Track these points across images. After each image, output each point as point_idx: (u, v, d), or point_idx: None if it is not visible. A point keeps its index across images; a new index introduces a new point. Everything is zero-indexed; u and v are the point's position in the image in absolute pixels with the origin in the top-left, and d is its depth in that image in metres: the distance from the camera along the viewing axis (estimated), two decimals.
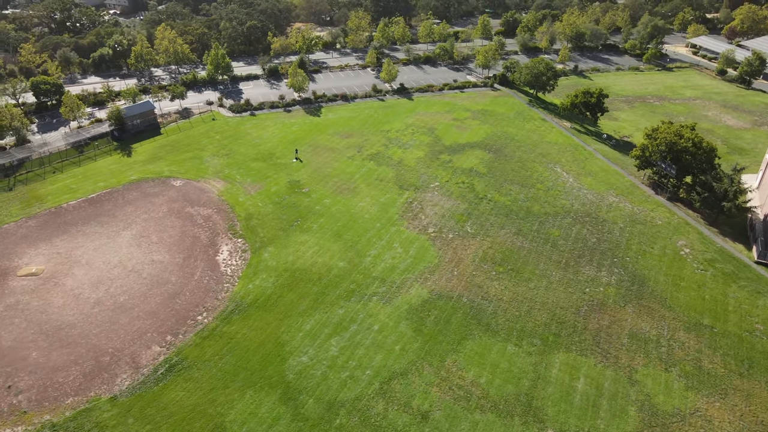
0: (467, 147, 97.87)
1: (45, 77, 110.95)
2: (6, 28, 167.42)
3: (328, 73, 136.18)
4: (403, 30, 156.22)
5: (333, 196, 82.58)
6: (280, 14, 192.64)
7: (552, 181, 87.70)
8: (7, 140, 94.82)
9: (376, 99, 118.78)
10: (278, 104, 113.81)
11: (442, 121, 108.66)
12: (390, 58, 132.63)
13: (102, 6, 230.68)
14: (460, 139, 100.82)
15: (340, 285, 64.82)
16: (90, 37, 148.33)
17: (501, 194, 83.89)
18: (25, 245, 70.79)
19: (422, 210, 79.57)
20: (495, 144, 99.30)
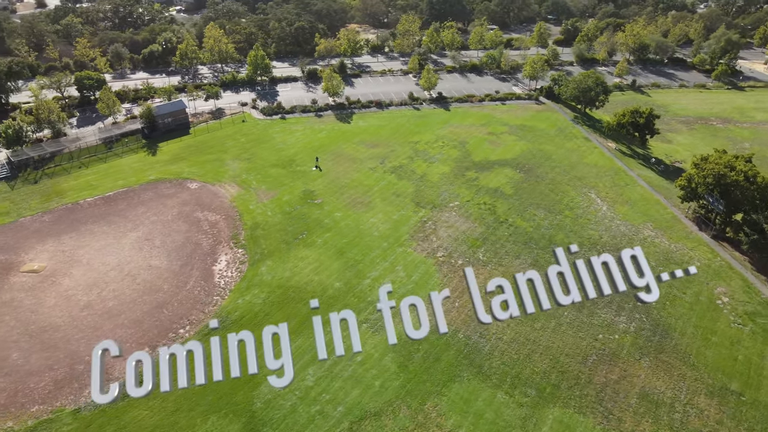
0: (497, 165, 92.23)
1: (89, 72, 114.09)
2: (73, 21, 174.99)
3: (368, 78, 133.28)
4: (452, 35, 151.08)
5: (345, 210, 79.47)
6: (335, 15, 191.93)
7: (583, 208, 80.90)
8: (44, 133, 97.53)
9: (411, 107, 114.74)
10: (310, 108, 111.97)
11: (475, 134, 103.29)
12: (430, 65, 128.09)
13: (170, 3, 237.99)
14: (491, 156, 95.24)
15: (332, 308, 61.47)
16: (144, 33, 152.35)
17: (523, 219, 78.05)
18: (35, 240, 71.85)
19: (435, 231, 75.09)
20: (528, 163, 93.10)
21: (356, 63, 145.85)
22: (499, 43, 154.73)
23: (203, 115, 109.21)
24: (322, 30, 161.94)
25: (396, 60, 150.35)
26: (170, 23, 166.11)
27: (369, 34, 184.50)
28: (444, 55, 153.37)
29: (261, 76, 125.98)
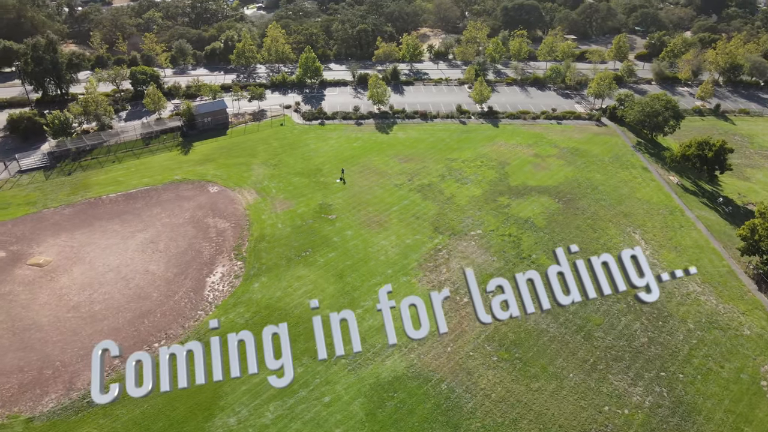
0: (535, 191, 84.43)
1: (144, 67, 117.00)
2: (154, 16, 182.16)
3: (421, 86, 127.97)
4: (519, 44, 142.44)
5: (357, 228, 75.25)
6: (407, 18, 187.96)
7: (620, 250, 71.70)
8: (91, 125, 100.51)
9: (458, 121, 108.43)
10: (351, 115, 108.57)
11: (520, 155, 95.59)
12: (482, 77, 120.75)
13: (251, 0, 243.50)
14: (531, 181, 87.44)
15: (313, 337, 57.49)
16: (212, 30, 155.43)
17: (549, 257, 70.32)
18: (50, 233, 73.21)
19: (447, 261, 69.21)
20: (570, 192, 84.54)
21: (415, 69, 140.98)
22: (570, 54, 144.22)
23: (244, 116, 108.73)
24: (390, 33, 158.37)
25: (457, 68, 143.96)
26: (239, 21, 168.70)
27: (438, 39, 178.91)
28: (510, 66, 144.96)
29: (311, 79, 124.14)
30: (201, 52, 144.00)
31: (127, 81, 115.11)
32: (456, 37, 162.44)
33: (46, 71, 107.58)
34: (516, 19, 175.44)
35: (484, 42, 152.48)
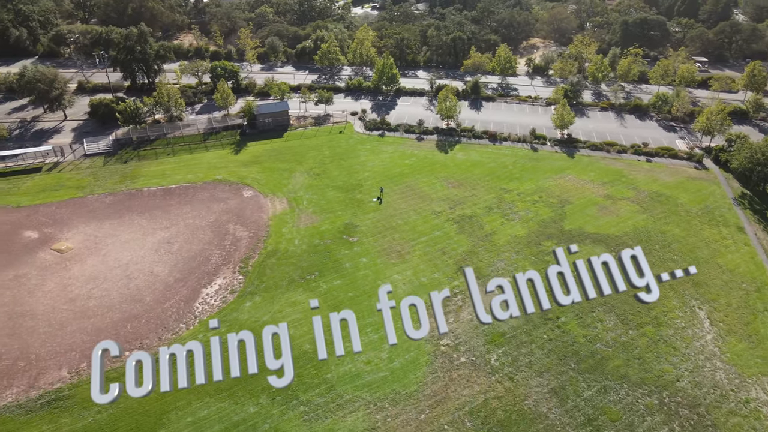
0: (590, 240, 73.18)
1: (225, 62, 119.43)
2: (266, 11, 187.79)
3: (502, 103, 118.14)
4: (628, 64, 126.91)
5: (374, 256, 69.59)
6: (517, 27, 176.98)
7: (675, 329, 59.45)
8: (162, 116, 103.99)
9: (529, 146, 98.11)
10: (414, 129, 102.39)
11: (587, 194, 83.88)
12: (575, 98, 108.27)
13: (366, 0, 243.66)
14: (590, 226, 76.05)
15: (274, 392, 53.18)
16: (308, 29, 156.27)
17: (580, 323, 59.92)
18: (83, 220, 75.71)
19: (459, 310, 61.42)
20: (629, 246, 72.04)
21: (505, 84, 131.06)
22: (690, 79, 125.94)
23: (306, 120, 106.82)
24: (493, 42, 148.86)
25: (554, 86, 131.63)
26: (338, 20, 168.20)
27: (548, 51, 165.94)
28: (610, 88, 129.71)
29: (386, 86, 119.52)
30: (292, 50, 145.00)
31: (208, 75, 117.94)
32: (561, 50, 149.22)
33: (135, 60, 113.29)
34: (636, 36, 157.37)
35: (590, 59, 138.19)
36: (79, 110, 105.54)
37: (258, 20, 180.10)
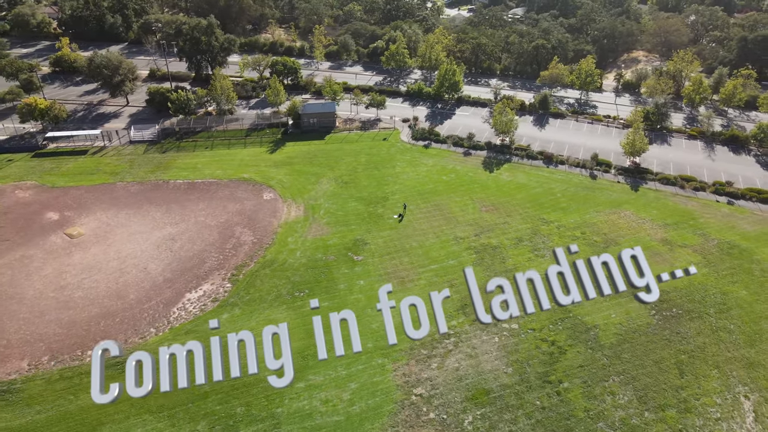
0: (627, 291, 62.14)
1: (286, 58, 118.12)
2: (354, 9, 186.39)
3: (572, 121, 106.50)
4: (733, 87, 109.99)
5: (374, 280, 63.68)
6: (618, 37, 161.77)
7: (706, 419, 48.18)
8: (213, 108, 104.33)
9: (588, 173, 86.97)
10: (463, 143, 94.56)
11: (641, 235, 72.18)
12: (657, 122, 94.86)
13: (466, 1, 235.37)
14: None
15: (228, 402, 49.21)
16: (387, 28, 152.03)
17: (585, 392, 50.35)
18: (104, 206, 76.47)
19: (446, 356, 54.08)
20: (682, 305, 60.40)
21: (585, 100, 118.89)
22: None
23: (353, 123, 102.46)
24: (585, 52, 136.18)
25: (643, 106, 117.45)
26: (420, 21, 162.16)
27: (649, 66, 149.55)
28: (722, 113, 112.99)
29: (448, 94, 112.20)
30: (365, 49, 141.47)
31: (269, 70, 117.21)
32: (658, 67, 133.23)
33: (200, 51, 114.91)
34: (755, 55, 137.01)
35: (690, 78, 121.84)
36: (141, 97, 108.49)
37: (344, 17, 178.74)
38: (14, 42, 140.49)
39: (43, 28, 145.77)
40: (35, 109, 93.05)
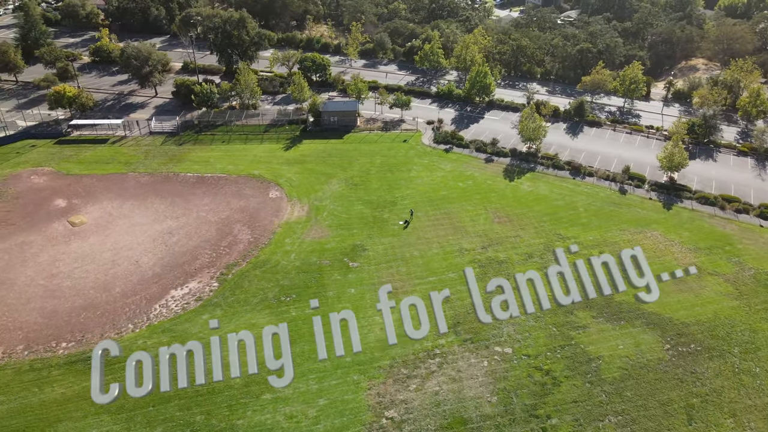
0: (644, 318, 56.32)
1: (315, 54, 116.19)
2: (399, 7, 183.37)
3: (609, 130, 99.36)
4: None
5: (366, 289, 60.36)
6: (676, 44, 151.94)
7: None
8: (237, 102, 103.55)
9: (617, 187, 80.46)
10: (486, 148, 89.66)
11: (667, 258, 65.61)
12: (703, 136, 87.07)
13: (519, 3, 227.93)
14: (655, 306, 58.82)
15: (189, 408, 47.04)
16: (426, 28, 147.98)
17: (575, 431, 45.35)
18: (110, 196, 76.40)
19: (428, 377, 50.16)
20: (701, 340, 54.05)
21: (628, 108, 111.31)
22: None
23: (375, 123, 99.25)
24: (635, 57, 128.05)
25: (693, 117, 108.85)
26: (463, 21, 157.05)
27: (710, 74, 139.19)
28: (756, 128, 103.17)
29: (479, 96, 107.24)
30: (401, 48, 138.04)
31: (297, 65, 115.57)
32: (714, 76, 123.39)
33: (231, 45, 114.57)
34: None
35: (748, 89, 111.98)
36: (170, 89, 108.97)
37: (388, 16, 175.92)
38: (64, 32, 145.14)
39: (91, 19, 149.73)
40: (63, 97, 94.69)
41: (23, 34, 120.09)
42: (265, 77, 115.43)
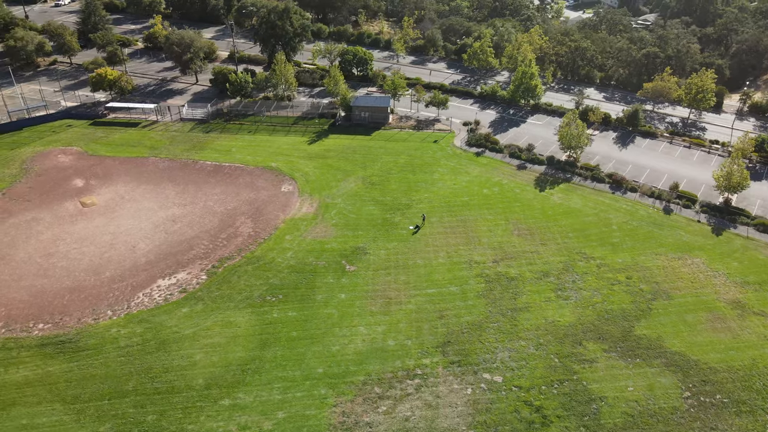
0: (662, 361, 48.94)
1: (359, 48, 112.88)
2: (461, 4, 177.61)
3: (664, 143, 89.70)
4: None
5: (357, 296, 56.22)
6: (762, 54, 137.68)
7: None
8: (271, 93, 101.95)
9: (662, 207, 71.93)
10: (521, 155, 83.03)
11: (706, 292, 57.21)
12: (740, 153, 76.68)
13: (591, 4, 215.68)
14: (675, 341, 51.15)
15: (144, 406, 44.67)
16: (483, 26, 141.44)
17: None
18: (126, 179, 76.19)
19: (406, 397, 45.36)
20: (724, 390, 46.06)
21: (692, 120, 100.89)
22: None
23: (408, 121, 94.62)
24: (713, 66, 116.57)
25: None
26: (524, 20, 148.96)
27: None
28: None
29: (523, 99, 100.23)
30: (453, 46, 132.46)
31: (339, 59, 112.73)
32: None
33: (274, 36, 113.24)
34: None
35: None
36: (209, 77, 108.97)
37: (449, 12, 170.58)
38: (127, 18, 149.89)
39: (154, 7, 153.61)
40: (104, 80, 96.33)
41: (84, 19, 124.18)
42: (306, 69, 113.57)
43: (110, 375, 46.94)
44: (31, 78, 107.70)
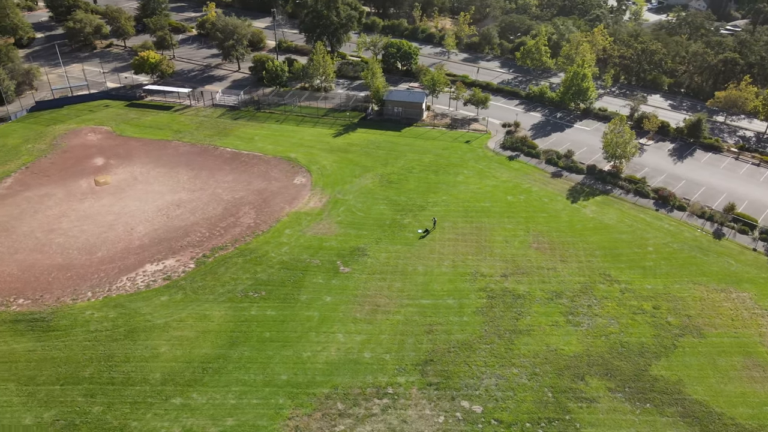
0: (678, 409, 41.55)
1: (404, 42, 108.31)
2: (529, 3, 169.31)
3: (729, 158, 79.35)
4: None
5: (343, 301, 52.02)
6: None
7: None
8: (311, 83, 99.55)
9: (712, 229, 62.92)
10: (557, 161, 75.77)
11: (745, 333, 48.70)
12: None
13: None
14: (698, 387, 43.47)
15: (94, 396, 42.52)
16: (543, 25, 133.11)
17: None
18: (144, 161, 75.67)
19: (369, 417, 40.78)
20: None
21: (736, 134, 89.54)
22: None
23: (443, 118, 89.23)
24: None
25: None
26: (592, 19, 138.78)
27: None
28: None
29: (573, 102, 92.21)
30: (509, 44, 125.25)
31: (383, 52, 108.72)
32: None
33: (320, 26, 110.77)
34: None
35: None
36: None
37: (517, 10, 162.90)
38: (190, 6, 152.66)
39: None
40: (146, 63, 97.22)
41: (143, 4, 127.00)
42: (349, 61, 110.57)
43: (70, 359, 45.26)
44: (86, 59, 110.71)
